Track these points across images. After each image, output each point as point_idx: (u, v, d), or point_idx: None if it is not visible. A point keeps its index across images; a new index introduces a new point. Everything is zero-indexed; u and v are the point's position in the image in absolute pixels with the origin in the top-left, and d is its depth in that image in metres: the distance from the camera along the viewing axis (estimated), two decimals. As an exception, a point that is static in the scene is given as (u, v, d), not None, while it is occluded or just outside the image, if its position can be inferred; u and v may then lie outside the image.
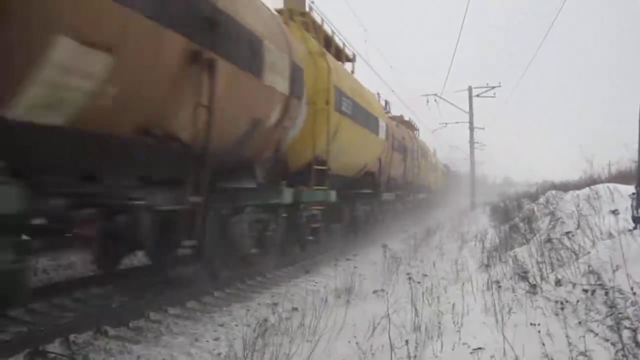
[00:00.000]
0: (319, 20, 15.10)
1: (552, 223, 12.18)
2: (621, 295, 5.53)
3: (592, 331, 4.54)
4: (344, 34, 21.88)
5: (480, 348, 5.09)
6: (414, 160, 29.12)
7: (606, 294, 4.84)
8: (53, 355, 6.03)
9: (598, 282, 6.10)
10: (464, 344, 5.73)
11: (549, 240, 9.50)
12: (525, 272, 8.09)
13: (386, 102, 25.55)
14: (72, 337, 6.57)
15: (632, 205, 9.00)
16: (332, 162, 13.49)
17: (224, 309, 8.73)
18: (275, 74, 9.79)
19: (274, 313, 7.04)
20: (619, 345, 4.32)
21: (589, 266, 7.12)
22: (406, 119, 32.04)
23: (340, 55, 16.46)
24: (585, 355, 4.27)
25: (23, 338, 6.33)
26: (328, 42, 15.43)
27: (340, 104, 13.83)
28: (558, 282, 7.32)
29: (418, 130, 35.54)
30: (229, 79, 8.05)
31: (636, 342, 4.37)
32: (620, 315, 4.63)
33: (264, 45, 9.28)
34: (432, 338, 6.19)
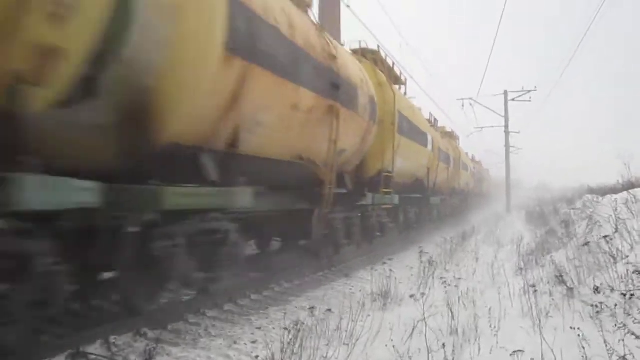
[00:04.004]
0: (383, 55, 16.99)
1: (590, 227, 12.07)
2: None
3: (633, 333, 4.51)
4: (377, 36, 21.45)
5: (520, 350, 5.10)
6: (456, 168, 31.09)
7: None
8: (94, 356, 6.13)
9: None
10: (501, 347, 5.73)
11: (587, 244, 9.43)
12: (563, 276, 8.06)
13: (435, 119, 27.43)
14: (112, 338, 6.67)
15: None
16: (395, 172, 15.68)
17: (261, 312, 8.79)
18: (363, 108, 12.32)
19: (311, 316, 7.08)
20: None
21: (627, 270, 7.07)
22: (448, 130, 33.13)
23: (397, 80, 18.00)
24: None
25: (65, 339, 6.43)
26: (389, 71, 17.00)
27: (404, 128, 16.64)
28: (596, 289, 7.28)
29: (458, 138, 37.19)
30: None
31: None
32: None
33: (358, 98, 12.09)
34: (469, 341, 6.20)
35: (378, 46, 17.01)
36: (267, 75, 8.01)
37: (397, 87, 17.54)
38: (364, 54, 15.81)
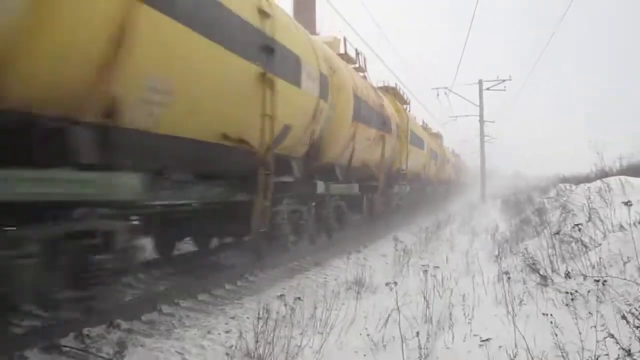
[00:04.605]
0: (398, 87, 23.98)
1: (563, 215, 12.15)
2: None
3: (624, 318, 4.54)
4: (354, 26, 22.14)
5: (489, 339, 5.11)
6: (443, 163, 38.06)
7: None
8: (67, 348, 6.07)
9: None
10: (475, 335, 5.75)
11: (560, 232, 9.48)
12: (536, 264, 8.10)
13: (426, 123, 34.52)
14: (85, 330, 6.61)
15: (643, 197, 8.96)
16: (413, 170, 23.61)
17: (236, 301, 8.75)
18: (394, 132, 19.19)
19: (285, 305, 7.06)
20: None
21: (599, 258, 7.12)
22: (434, 131, 38.44)
23: (405, 102, 24.40)
24: (613, 339, 4.27)
25: (37, 332, 6.36)
26: (401, 98, 23.93)
27: (415, 138, 24.51)
28: (567, 275, 7.33)
29: (442, 137, 42.66)
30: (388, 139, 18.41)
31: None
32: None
33: (392, 125, 18.78)
34: (443, 329, 6.21)
35: (396, 84, 23.91)
36: (362, 125, 14.64)
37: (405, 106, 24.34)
38: (386, 89, 22.35)
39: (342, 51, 16.01)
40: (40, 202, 4.89)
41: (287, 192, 10.73)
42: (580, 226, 9.03)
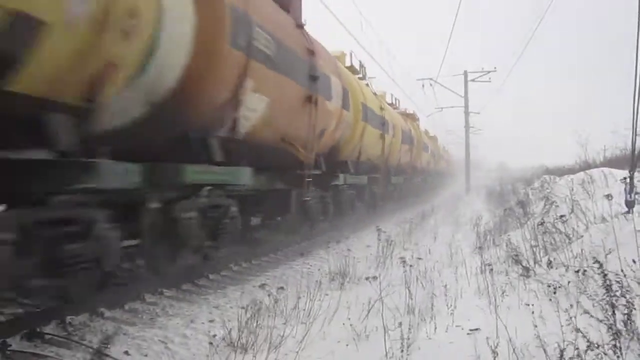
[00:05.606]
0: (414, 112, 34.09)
1: (546, 207, 12.20)
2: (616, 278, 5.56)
3: (588, 313, 4.57)
4: (337, 15, 21.89)
5: (477, 329, 5.13)
6: (438, 159, 46.55)
7: (604, 276, 4.87)
8: (49, 336, 6.05)
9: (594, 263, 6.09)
10: (457, 325, 5.78)
11: (543, 224, 9.53)
12: (519, 256, 8.13)
13: (427, 130, 40.95)
14: (68, 318, 6.58)
15: (625, 190, 9.02)
16: (421, 166, 33.05)
17: (219, 291, 8.75)
18: (415, 144, 29.70)
19: (268, 295, 7.06)
20: (612, 326, 4.36)
21: (581, 249, 7.16)
22: (432, 134, 44.61)
23: (416, 121, 33.97)
24: (581, 333, 4.30)
25: (20, 319, 6.33)
26: (417, 120, 34.22)
27: (424, 145, 33.29)
28: (550, 265, 7.37)
29: (437, 139, 49.09)
30: (412, 150, 29.40)
31: (628, 323, 4.41)
32: (615, 297, 4.66)
33: (414, 141, 29.48)
34: (425, 320, 6.23)
35: (413, 111, 33.25)
36: (404, 144, 24.97)
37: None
38: (408, 115, 30.76)
39: (347, 64, 19.11)
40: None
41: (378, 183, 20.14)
42: (563, 218, 9.08)
